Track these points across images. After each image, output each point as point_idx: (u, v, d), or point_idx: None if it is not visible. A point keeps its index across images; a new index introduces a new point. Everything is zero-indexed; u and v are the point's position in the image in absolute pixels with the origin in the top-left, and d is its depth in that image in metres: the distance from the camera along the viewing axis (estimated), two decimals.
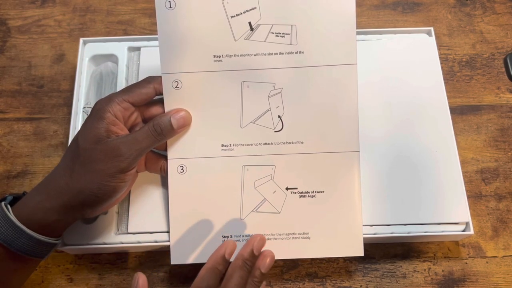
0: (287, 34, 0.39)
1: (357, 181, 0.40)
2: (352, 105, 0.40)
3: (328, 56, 0.39)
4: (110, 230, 0.42)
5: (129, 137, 0.36)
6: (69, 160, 0.36)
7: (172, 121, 0.38)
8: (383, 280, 0.44)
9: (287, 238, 0.40)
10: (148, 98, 0.39)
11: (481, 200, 0.47)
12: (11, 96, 0.52)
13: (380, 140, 0.45)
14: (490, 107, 0.52)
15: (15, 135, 0.50)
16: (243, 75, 0.40)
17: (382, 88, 0.47)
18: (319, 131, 0.40)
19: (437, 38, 0.50)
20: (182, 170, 0.40)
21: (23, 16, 0.57)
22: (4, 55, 0.55)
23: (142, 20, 0.57)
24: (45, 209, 0.35)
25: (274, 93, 0.40)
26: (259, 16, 0.39)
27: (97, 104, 0.37)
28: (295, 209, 0.40)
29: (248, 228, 0.40)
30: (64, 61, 0.54)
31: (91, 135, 0.35)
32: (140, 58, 0.48)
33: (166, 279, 0.44)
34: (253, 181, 0.40)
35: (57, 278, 0.44)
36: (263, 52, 0.39)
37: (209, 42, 0.39)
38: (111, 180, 0.35)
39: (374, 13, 0.57)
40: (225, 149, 0.40)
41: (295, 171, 0.40)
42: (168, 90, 0.39)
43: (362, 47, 0.48)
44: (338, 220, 0.40)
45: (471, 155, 0.49)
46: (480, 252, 0.45)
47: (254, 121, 0.40)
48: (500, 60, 0.54)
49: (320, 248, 0.40)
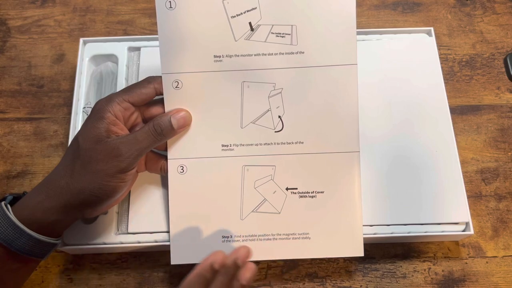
0: (288, 34, 0.39)
1: (357, 181, 0.40)
2: (352, 105, 0.40)
3: (328, 56, 0.39)
4: (110, 230, 0.42)
5: (129, 137, 0.36)
6: (69, 160, 0.36)
7: (172, 121, 0.38)
8: (383, 280, 0.44)
9: (287, 238, 0.40)
10: (148, 98, 0.39)
11: (481, 200, 0.47)
12: (11, 96, 0.52)
13: (380, 140, 0.45)
14: (490, 107, 0.52)
15: (15, 135, 0.50)
16: (244, 75, 0.40)
17: (382, 88, 0.47)
18: (319, 131, 0.40)
19: (437, 38, 0.50)
20: (182, 170, 0.40)
21: (23, 16, 0.57)
22: (4, 55, 0.55)
23: (142, 20, 0.57)
24: (45, 209, 0.35)
25: (274, 93, 0.40)
26: (259, 16, 0.39)
27: (97, 104, 0.37)
28: (295, 209, 0.40)
29: (248, 228, 0.40)
30: (64, 61, 0.54)
31: (91, 135, 0.35)
32: (140, 58, 0.48)
33: (166, 279, 0.44)
34: (253, 181, 0.40)
35: (57, 278, 0.44)
36: (264, 52, 0.39)
37: (210, 42, 0.39)
38: (111, 180, 0.35)
39: (374, 13, 0.57)
40: (225, 149, 0.40)
41: (295, 171, 0.40)
42: (168, 90, 0.39)
43: (362, 47, 0.48)
44: (338, 220, 0.40)
45: (471, 155, 0.49)
46: (480, 252, 0.45)
47: (254, 121, 0.40)
48: (500, 60, 0.54)
49: (320, 248, 0.40)
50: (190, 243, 0.40)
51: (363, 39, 0.50)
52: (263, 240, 0.40)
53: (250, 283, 0.35)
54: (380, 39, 0.50)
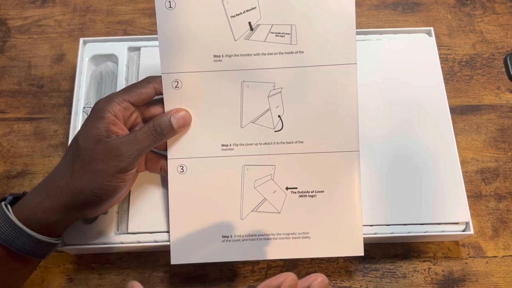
0: (287, 34, 0.39)
1: (357, 181, 0.40)
2: (352, 104, 0.40)
3: (328, 56, 0.39)
4: (110, 230, 0.42)
5: (129, 137, 0.36)
6: (69, 160, 0.36)
7: (172, 121, 0.38)
8: (383, 280, 0.44)
9: (287, 238, 0.40)
10: (148, 98, 0.39)
11: (481, 200, 0.47)
12: (11, 96, 0.52)
13: (380, 140, 0.45)
14: (490, 107, 0.52)
15: (15, 135, 0.50)
16: (243, 75, 0.40)
17: (382, 88, 0.47)
18: (319, 130, 0.40)
19: (437, 38, 0.50)
20: (182, 170, 0.40)
21: (23, 16, 0.57)
22: (4, 55, 0.55)
23: (142, 20, 0.57)
24: (45, 209, 0.35)
25: (274, 93, 0.40)
26: (259, 16, 0.39)
27: (97, 104, 0.37)
28: (295, 209, 0.40)
29: (248, 228, 0.40)
30: (64, 61, 0.54)
31: (91, 135, 0.35)
32: (140, 58, 0.48)
33: (166, 279, 0.44)
34: (253, 181, 0.40)
35: (57, 278, 0.44)
36: (263, 52, 0.39)
37: (209, 42, 0.39)
38: (111, 180, 0.35)
39: (374, 13, 0.57)
40: (225, 148, 0.40)
41: (295, 171, 0.40)
42: (168, 90, 0.39)
43: (362, 47, 0.48)
44: (338, 220, 0.40)
45: (471, 155, 0.49)
46: (480, 252, 0.45)
47: (254, 121, 0.40)
48: (500, 60, 0.54)
49: (320, 248, 0.40)
50: (190, 243, 0.40)
51: (363, 39, 0.50)
52: (263, 239, 0.40)
53: None
54: (380, 39, 0.50)
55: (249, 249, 0.40)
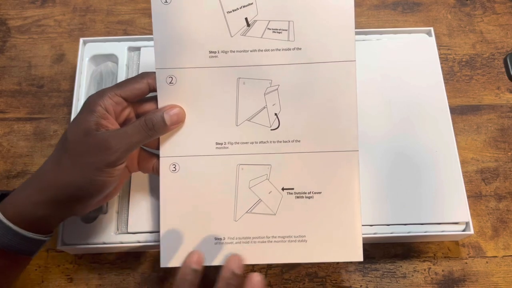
0: (284, 30, 0.38)
1: (356, 182, 0.39)
2: (350, 103, 0.38)
3: (326, 53, 0.38)
4: (110, 230, 0.42)
5: (119, 131, 0.35)
6: (57, 154, 0.35)
7: (165, 117, 0.37)
8: (383, 280, 0.44)
9: (282, 241, 0.38)
10: (141, 94, 0.38)
11: (481, 200, 0.47)
12: (11, 96, 0.52)
13: (380, 139, 0.45)
14: (490, 107, 0.52)
15: (15, 135, 0.50)
16: (239, 71, 0.39)
17: (382, 88, 0.47)
18: (316, 129, 0.39)
19: (437, 38, 0.50)
20: (174, 169, 0.39)
21: (23, 16, 0.57)
22: (4, 55, 0.55)
23: (142, 20, 0.57)
24: (32, 203, 0.34)
25: (270, 90, 0.39)
26: (255, 11, 0.38)
27: (89, 98, 0.36)
28: (291, 211, 0.39)
29: (242, 230, 0.38)
30: (64, 61, 0.54)
31: (80, 128, 0.34)
32: (140, 58, 0.48)
33: (166, 279, 0.44)
34: (248, 181, 0.39)
35: (57, 278, 0.44)
36: (260, 48, 0.38)
37: (205, 37, 0.38)
38: (99, 174, 0.34)
39: (374, 13, 0.57)
40: (219, 147, 0.39)
41: (291, 171, 0.39)
42: (162, 86, 0.38)
43: (362, 47, 0.48)
44: (336, 223, 0.38)
45: (471, 155, 0.49)
46: (480, 252, 0.45)
47: (250, 119, 0.39)
48: (500, 60, 0.54)
49: (317, 252, 0.38)
50: (181, 245, 0.39)
51: (363, 39, 0.50)
52: (257, 242, 0.38)
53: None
54: (380, 39, 0.50)
55: (243, 253, 0.38)
